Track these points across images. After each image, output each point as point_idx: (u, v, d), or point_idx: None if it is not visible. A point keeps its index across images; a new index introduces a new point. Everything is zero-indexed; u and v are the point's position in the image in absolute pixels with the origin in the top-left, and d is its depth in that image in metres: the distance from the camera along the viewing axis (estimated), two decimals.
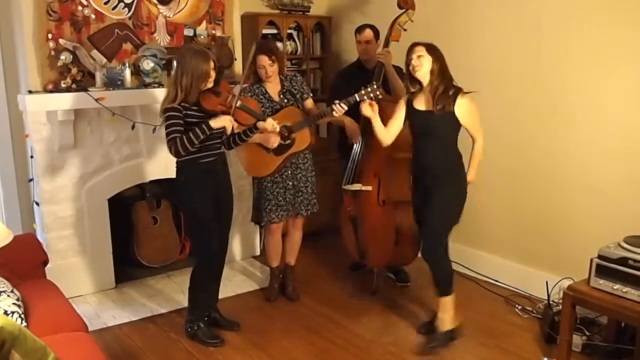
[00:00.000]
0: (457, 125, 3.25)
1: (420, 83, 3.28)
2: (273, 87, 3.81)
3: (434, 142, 3.29)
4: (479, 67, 4.16)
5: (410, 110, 3.37)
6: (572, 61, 3.66)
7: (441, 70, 3.22)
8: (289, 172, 3.84)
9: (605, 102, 3.52)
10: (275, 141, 3.66)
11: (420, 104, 3.33)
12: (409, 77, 3.30)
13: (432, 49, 3.23)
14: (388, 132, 3.44)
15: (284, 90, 3.83)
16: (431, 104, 3.23)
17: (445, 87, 3.21)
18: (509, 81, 4.03)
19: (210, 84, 3.19)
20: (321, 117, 3.76)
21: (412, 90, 3.34)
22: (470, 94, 3.23)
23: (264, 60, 3.68)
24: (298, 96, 3.85)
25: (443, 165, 3.30)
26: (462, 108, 3.20)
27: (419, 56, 3.21)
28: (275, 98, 3.79)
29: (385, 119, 3.89)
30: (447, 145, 3.30)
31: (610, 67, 3.47)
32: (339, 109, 3.57)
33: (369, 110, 3.36)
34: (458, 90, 3.23)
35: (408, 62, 3.26)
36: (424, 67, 3.21)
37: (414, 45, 3.26)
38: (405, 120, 3.42)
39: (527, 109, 3.94)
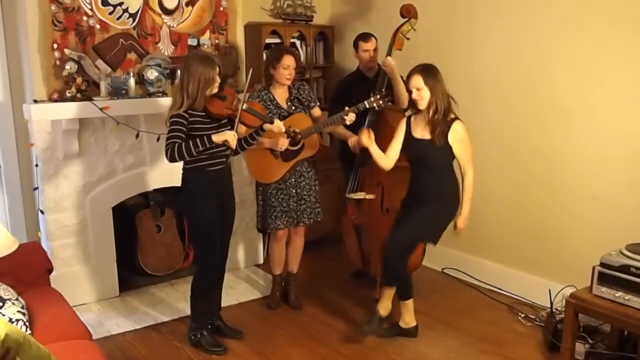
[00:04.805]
0: (451, 152, 3.31)
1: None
2: (281, 94, 3.83)
3: (431, 171, 3.34)
4: (481, 75, 4.18)
5: (407, 136, 3.41)
6: (572, 70, 3.67)
7: (437, 99, 3.23)
8: (293, 179, 3.86)
9: (607, 109, 3.53)
10: (283, 143, 3.67)
11: (417, 131, 3.37)
12: (410, 101, 3.36)
13: (427, 78, 3.22)
14: (387, 158, 3.45)
15: (292, 97, 3.85)
16: (428, 132, 3.29)
17: (443, 117, 3.25)
18: (510, 89, 4.04)
19: (215, 90, 3.22)
20: (330, 124, 3.78)
21: (411, 113, 3.41)
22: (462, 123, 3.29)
23: (290, 60, 3.71)
24: (305, 104, 3.88)
25: (438, 191, 3.36)
26: (455, 135, 3.26)
27: (418, 89, 3.24)
28: (283, 105, 3.82)
29: (389, 130, 3.91)
30: (444, 173, 3.36)
31: (611, 75, 3.48)
32: (351, 117, 3.63)
33: (367, 139, 3.35)
34: (454, 119, 3.28)
35: (409, 90, 3.31)
36: (425, 100, 3.25)
37: (412, 74, 3.27)
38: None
39: (529, 117, 3.96)
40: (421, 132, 3.35)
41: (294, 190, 3.87)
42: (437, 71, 3.27)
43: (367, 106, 3.65)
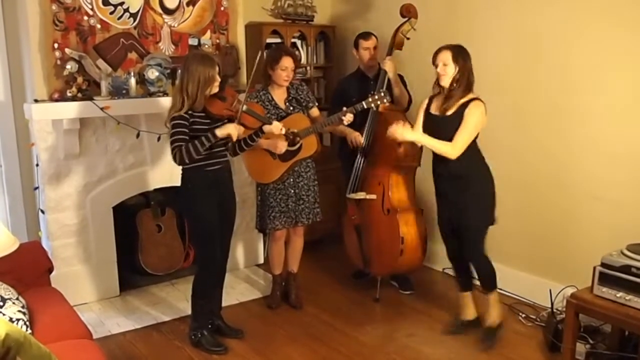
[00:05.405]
0: None
1: (442, 87, 3.32)
2: (279, 95, 3.83)
3: None
4: (482, 75, 4.14)
5: (426, 114, 3.42)
6: (575, 68, 3.67)
7: (463, 77, 3.23)
8: (291, 179, 3.85)
9: (609, 108, 3.52)
10: (282, 146, 3.68)
11: (434, 107, 3.38)
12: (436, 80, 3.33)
13: (457, 56, 3.23)
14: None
15: (290, 97, 3.85)
16: (443, 108, 3.29)
17: (461, 95, 3.24)
18: (512, 88, 4.03)
19: (215, 89, 3.22)
20: (328, 125, 3.78)
21: (435, 93, 3.39)
22: (483, 105, 3.25)
23: (289, 61, 3.71)
24: (304, 104, 3.88)
25: (464, 168, 3.29)
26: (468, 110, 3.23)
27: (445, 64, 3.23)
28: (281, 105, 3.82)
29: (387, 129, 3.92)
30: (468, 150, 3.29)
31: (614, 73, 3.48)
32: (349, 118, 3.62)
33: (401, 131, 3.32)
34: (474, 98, 3.26)
35: (434, 65, 3.29)
36: (448, 76, 3.24)
37: (442, 49, 3.27)
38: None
39: (530, 116, 3.95)
40: (437, 108, 3.35)
41: (292, 190, 3.87)
42: (468, 53, 3.27)
43: (365, 106, 3.65)
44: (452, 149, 3.24)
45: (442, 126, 3.29)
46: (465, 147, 3.25)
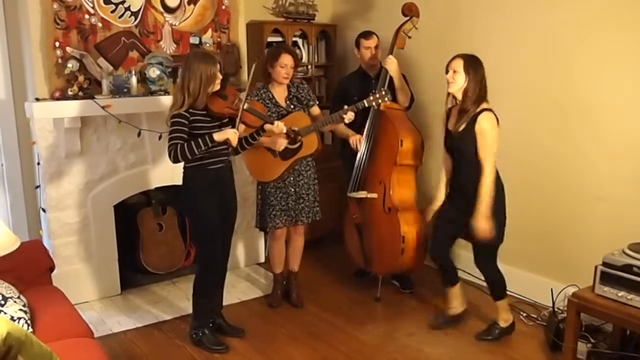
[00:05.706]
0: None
1: (454, 97, 3.30)
2: (280, 93, 3.83)
3: (464, 162, 3.30)
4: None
5: (445, 129, 3.41)
6: (577, 67, 3.66)
7: (473, 89, 3.19)
8: (291, 178, 3.85)
9: (611, 108, 3.52)
10: (282, 143, 3.67)
11: (451, 123, 3.36)
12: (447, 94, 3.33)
13: (469, 66, 3.19)
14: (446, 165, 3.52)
15: (291, 96, 3.85)
16: (459, 123, 3.28)
17: (472, 108, 3.20)
18: (513, 88, 4.03)
19: (217, 87, 3.21)
20: (329, 123, 3.78)
21: (449, 105, 3.38)
22: (492, 115, 3.23)
23: (288, 59, 3.71)
24: (305, 103, 3.87)
25: (476, 185, 3.25)
26: (477, 127, 3.21)
27: (455, 72, 3.20)
28: (282, 103, 3.81)
29: (391, 128, 3.92)
30: (478, 165, 3.25)
31: (616, 73, 3.47)
32: (350, 116, 3.62)
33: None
34: (484, 110, 3.22)
35: (446, 72, 3.28)
36: (456, 84, 3.22)
37: (455, 57, 3.25)
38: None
39: (532, 115, 3.95)
40: (453, 124, 3.33)
41: (292, 189, 3.87)
42: (481, 65, 3.23)
43: (366, 105, 3.65)
44: (486, 180, 3.21)
45: (457, 142, 3.30)
46: (494, 165, 3.23)
